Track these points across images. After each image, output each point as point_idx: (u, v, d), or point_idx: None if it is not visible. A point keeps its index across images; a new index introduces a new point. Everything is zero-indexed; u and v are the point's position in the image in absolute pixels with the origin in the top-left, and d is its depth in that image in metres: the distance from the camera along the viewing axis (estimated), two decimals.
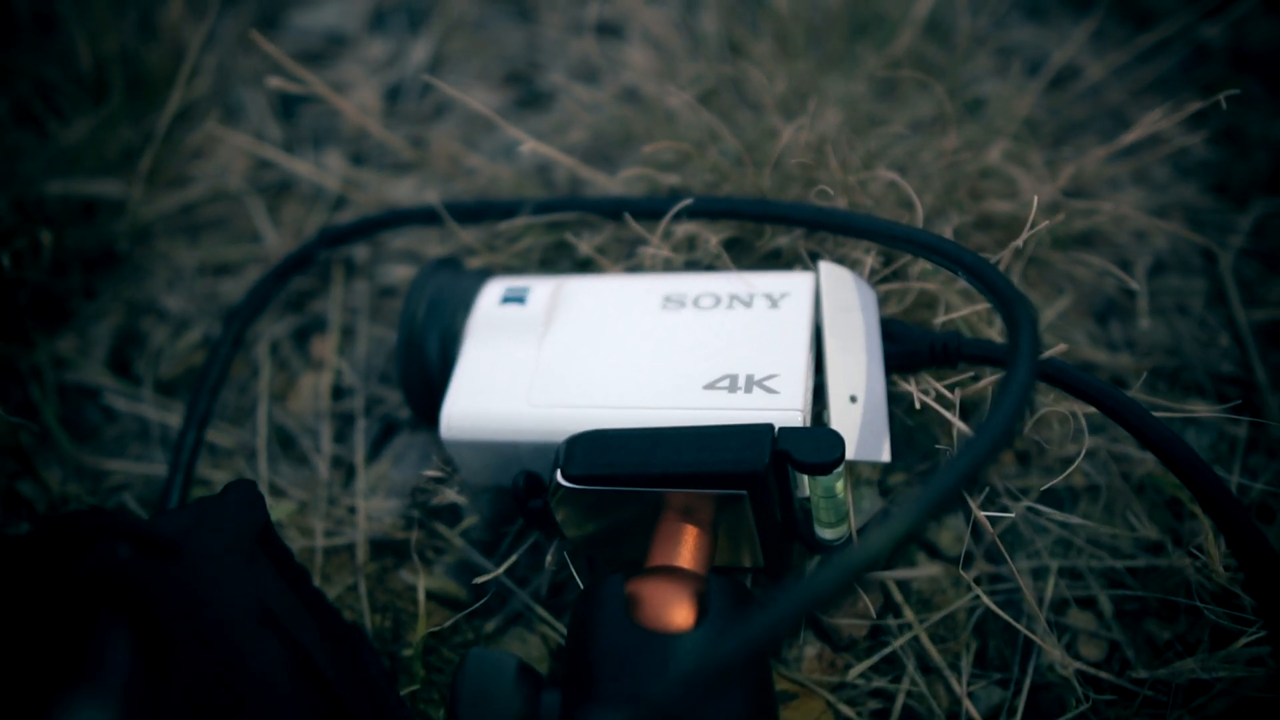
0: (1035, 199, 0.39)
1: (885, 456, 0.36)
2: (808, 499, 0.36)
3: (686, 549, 0.34)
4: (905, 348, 0.39)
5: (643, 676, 0.29)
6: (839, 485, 0.34)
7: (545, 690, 0.31)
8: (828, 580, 0.22)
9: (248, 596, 0.24)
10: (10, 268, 0.48)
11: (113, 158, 0.55)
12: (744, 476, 0.33)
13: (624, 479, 0.34)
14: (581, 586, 0.35)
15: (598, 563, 0.39)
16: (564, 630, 0.39)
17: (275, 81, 0.47)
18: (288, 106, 0.62)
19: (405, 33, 0.67)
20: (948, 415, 0.36)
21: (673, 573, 0.33)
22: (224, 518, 0.28)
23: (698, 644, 0.30)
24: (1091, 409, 0.38)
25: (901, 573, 0.33)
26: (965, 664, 0.38)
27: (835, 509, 0.35)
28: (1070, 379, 0.37)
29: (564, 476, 0.34)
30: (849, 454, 0.35)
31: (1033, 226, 0.39)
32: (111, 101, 0.56)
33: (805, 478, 0.35)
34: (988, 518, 0.38)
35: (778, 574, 0.38)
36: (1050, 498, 0.42)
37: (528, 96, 0.62)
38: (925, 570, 0.32)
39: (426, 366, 0.41)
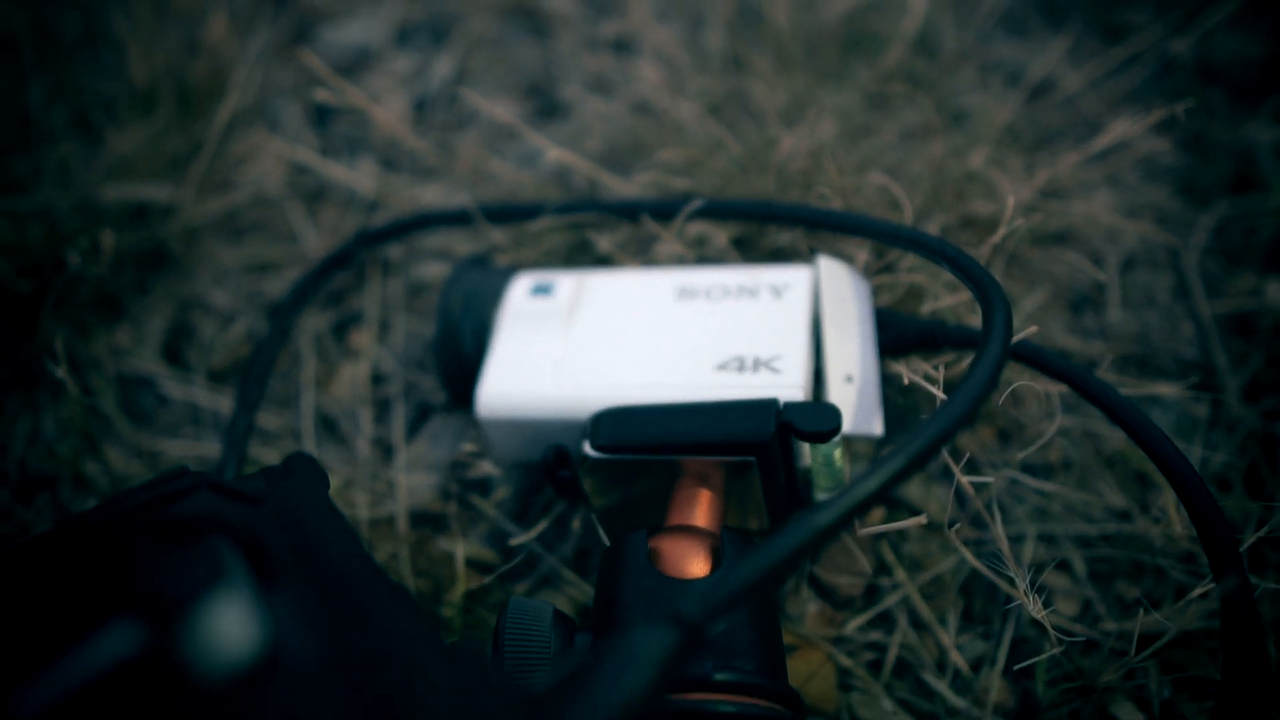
0: (1012, 199, 0.42)
1: (878, 430, 0.40)
2: (809, 469, 0.39)
3: (701, 510, 0.38)
4: (896, 334, 0.42)
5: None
6: (837, 454, 0.38)
7: (578, 632, 0.35)
8: (829, 515, 0.26)
9: (340, 532, 0.27)
10: (78, 266, 0.52)
11: (160, 165, 0.59)
12: (753, 444, 0.37)
13: (646, 447, 0.38)
14: (607, 544, 0.39)
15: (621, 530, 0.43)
16: (590, 590, 0.43)
17: (322, 94, 0.51)
18: (321, 117, 0.66)
19: (429, 48, 0.70)
20: (934, 391, 0.40)
21: (690, 530, 0.37)
22: (294, 479, 0.32)
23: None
24: (1065, 389, 0.42)
25: (894, 525, 0.37)
26: (952, 619, 0.42)
27: (833, 476, 0.39)
28: (1044, 361, 0.40)
29: (593, 447, 0.38)
30: (845, 428, 0.39)
31: (1010, 224, 0.42)
32: (160, 113, 0.59)
33: (807, 448, 0.39)
34: (971, 484, 0.41)
35: None
36: (1028, 470, 0.45)
37: (546, 108, 0.65)
38: (914, 520, 0.35)
39: (462, 353, 0.45)
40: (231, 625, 0.20)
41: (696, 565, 0.35)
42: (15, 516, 0.48)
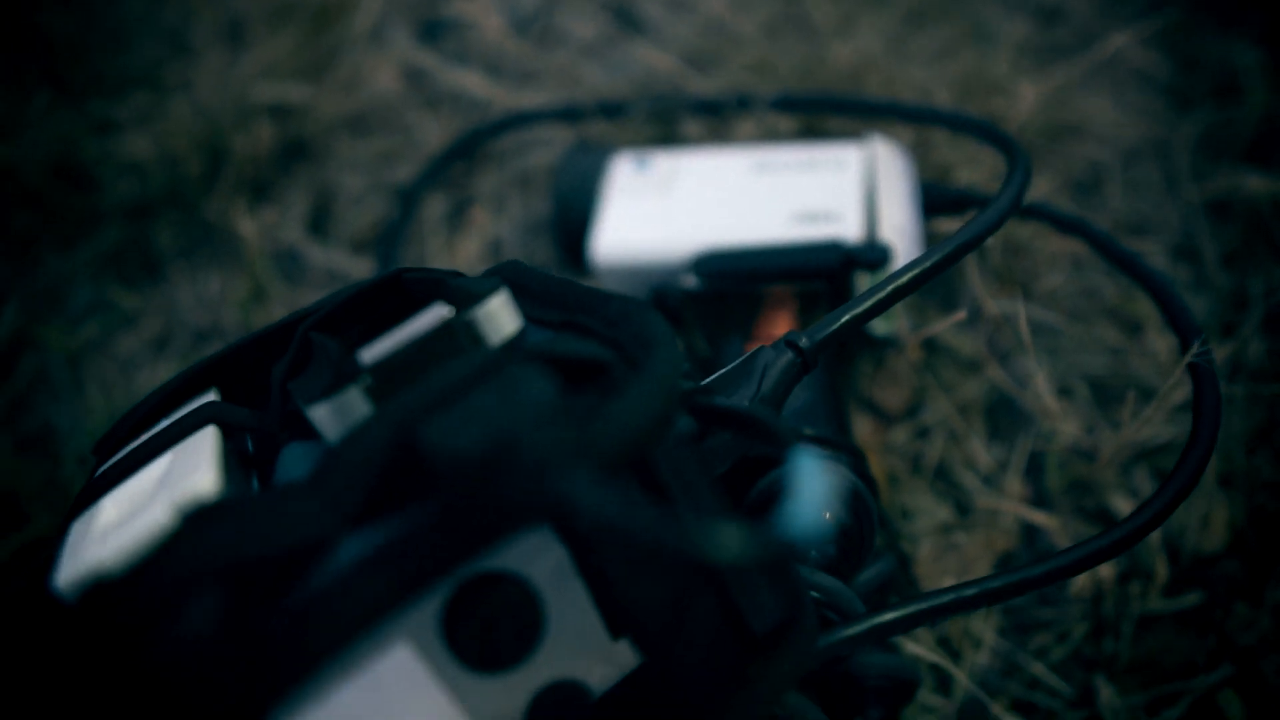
0: (1029, 89, 0.50)
1: None
2: None
3: (783, 323, 0.46)
4: (933, 199, 0.50)
5: None
6: None
7: None
8: (904, 277, 0.34)
9: (548, 273, 0.34)
10: (248, 150, 0.60)
11: (296, 71, 0.67)
12: (824, 270, 0.44)
13: (741, 276, 0.46)
14: (708, 352, 0.47)
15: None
16: None
17: (445, 6, 0.59)
18: (429, 35, 0.73)
19: None
20: None
21: (774, 337, 0.45)
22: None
23: None
24: (1072, 249, 0.49)
25: (938, 325, 0.44)
26: (979, 431, 0.50)
27: None
28: (1057, 216, 0.48)
29: (698, 275, 0.46)
30: (895, 267, 0.46)
31: (1022, 124, 0.50)
32: (294, 26, 0.67)
33: (865, 284, 0.47)
34: (1000, 315, 0.49)
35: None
36: (1039, 321, 0.53)
37: (626, 26, 0.73)
38: (955, 317, 0.43)
39: (575, 216, 0.52)
40: (498, 308, 0.28)
41: None
42: (193, 356, 0.57)
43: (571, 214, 0.53)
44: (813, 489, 0.19)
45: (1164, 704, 0.41)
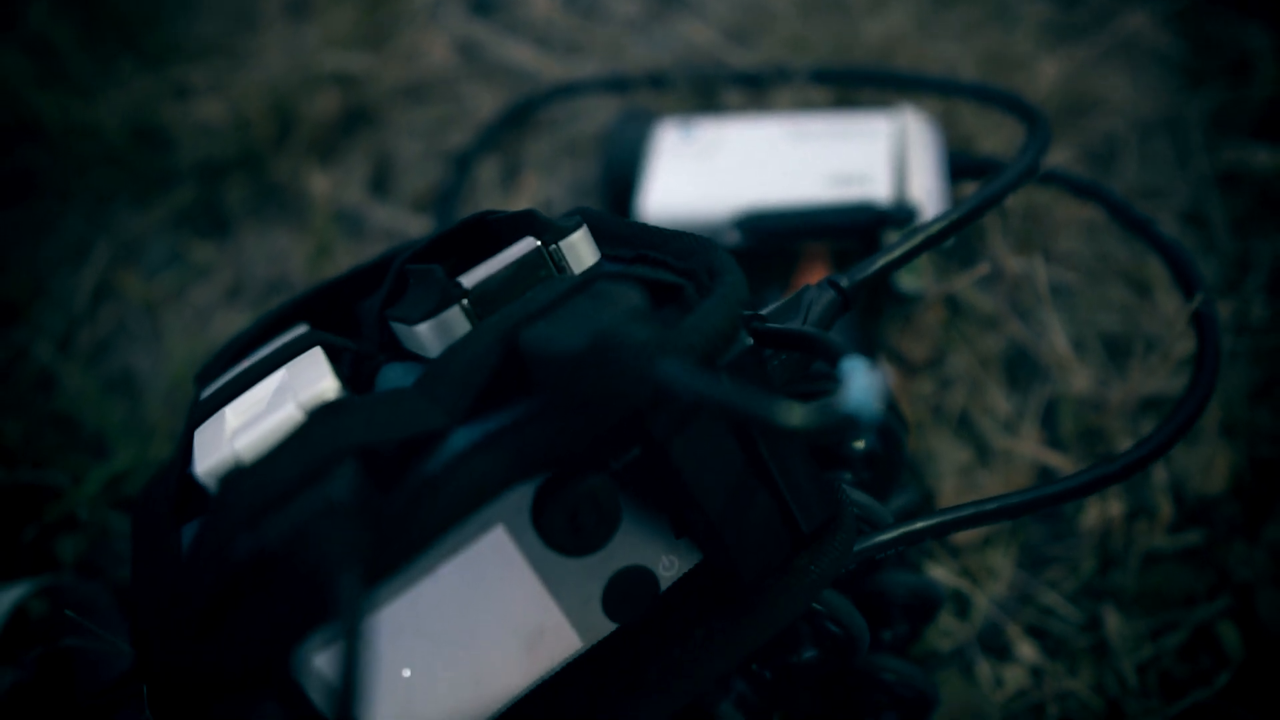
0: (1049, 68, 0.53)
1: None
2: None
3: (817, 278, 0.49)
4: (958, 165, 0.53)
5: None
6: None
7: None
8: (936, 225, 0.36)
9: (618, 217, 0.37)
10: (311, 119, 0.63)
11: (351, 42, 0.70)
12: (856, 228, 0.47)
13: (781, 233, 0.49)
14: None
15: None
16: None
17: None
18: (480, 10, 0.76)
19: None
20: None
21: None
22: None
23: None
24: (1087, 215, 0.52)
25: (964, 278, 0.47)
26: (998, 382, 0.53)
27: (912, 265, 0.50)
28: (1075, 181, 0.50)
29: (742, 232, 0.49)
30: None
31: (1043, 98, 0.53)
32: (353, 3, 0.70)
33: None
34: (1017, 273, 0.52)
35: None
36: (1059, 286, 0.56)
37: (668, 2, 0.75)
38: (979, 270, 0.46)
39: (624, 177, 0.55)
40: (579, 240, 0.31)
41: None
42: (263, 306, 0.60)
43: (620, 175, 0.55)
44: (867, 378, 0.22)
45: (1166, 631, 0.44)
